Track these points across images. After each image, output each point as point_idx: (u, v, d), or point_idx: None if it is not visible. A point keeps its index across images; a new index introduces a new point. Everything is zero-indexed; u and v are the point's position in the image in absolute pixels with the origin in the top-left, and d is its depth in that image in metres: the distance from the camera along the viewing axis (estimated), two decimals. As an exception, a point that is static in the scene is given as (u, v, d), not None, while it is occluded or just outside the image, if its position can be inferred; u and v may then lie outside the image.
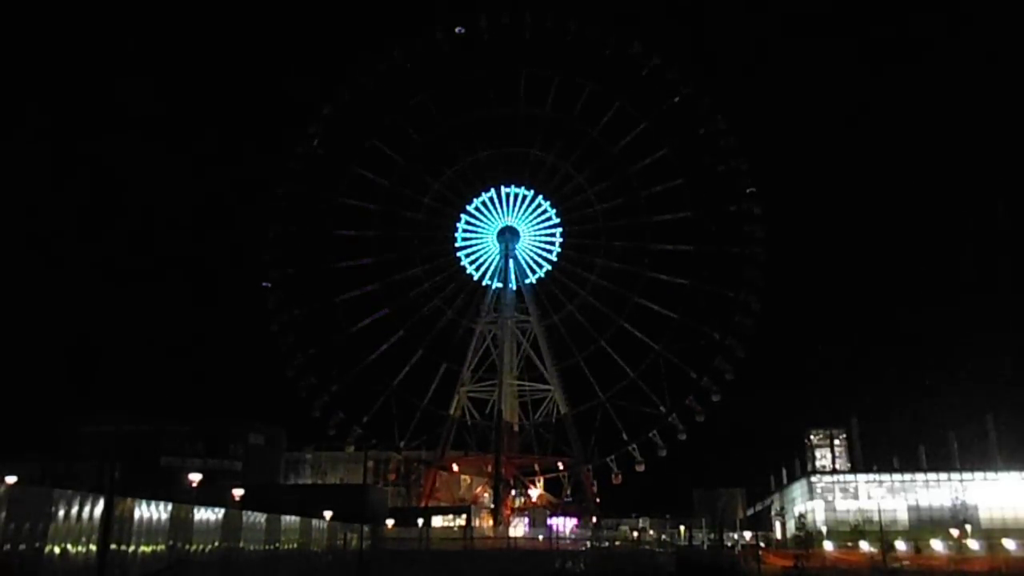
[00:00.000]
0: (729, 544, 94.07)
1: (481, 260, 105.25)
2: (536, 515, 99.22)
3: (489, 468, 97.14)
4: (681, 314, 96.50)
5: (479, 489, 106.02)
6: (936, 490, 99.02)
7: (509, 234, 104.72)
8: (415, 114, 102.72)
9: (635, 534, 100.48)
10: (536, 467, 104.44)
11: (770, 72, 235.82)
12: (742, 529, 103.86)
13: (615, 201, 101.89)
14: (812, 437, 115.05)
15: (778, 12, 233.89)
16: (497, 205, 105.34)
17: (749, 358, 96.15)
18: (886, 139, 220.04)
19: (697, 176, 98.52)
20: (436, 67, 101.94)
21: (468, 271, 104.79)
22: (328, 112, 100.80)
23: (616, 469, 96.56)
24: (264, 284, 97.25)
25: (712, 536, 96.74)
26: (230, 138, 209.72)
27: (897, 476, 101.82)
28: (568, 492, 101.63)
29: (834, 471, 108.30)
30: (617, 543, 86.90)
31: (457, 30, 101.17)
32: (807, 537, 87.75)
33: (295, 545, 50.40)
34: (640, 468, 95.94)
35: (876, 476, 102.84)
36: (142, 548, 30.81)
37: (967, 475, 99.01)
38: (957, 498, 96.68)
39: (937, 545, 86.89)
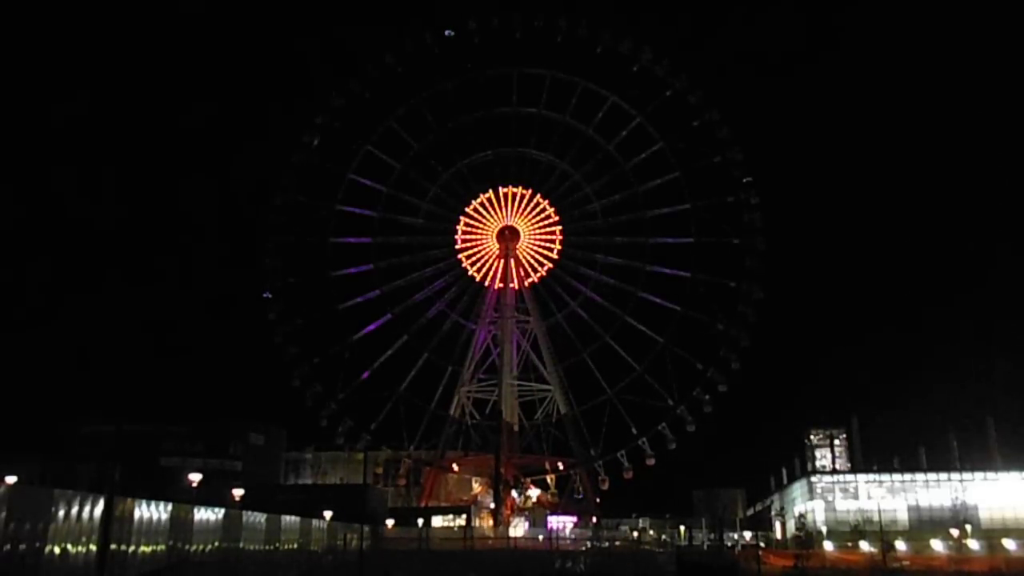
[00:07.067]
0: (729, 544, 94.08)
1: (482, 261, 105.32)
2: (536, 515, 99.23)
3: (490, 468, 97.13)
4: (684, 307, 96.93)
5: (479, 489, 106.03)
6: (936, 490, 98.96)
7: (509, 234, 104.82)
8: (410, 118, 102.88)
9: (635, 534, 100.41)
10: (537, 467, 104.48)
11: (763, 63, 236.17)
12: (742, 529, 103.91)
13: (613, 197, 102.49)
14: (812, 437, 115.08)
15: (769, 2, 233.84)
16: (496, 206, 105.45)
17: (751, 356, 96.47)
18: (885, 129, 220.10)
19: (694, 168, 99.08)
20: (429, 70, 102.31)
21: (469, 273, 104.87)
22: (322, 120, 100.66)
23: (627, 464, 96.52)
24: (265, 294, 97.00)
25: (712, 536, 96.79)
26: (229, 141, 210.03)
27: (897, 476, 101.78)
28: (578, 491, 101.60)
29: (834, 471, 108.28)
30: (617, 543, 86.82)
31: (446, 33, 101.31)
32: (807, 537, 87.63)
33: (295, 545, 50.40)
34: (650, 462, 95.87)
35: (876, 476, 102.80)
36: (142, 548, 30.79)
37: (967, 475, 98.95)
38: (957, 498, 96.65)
39: (937, 545, 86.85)
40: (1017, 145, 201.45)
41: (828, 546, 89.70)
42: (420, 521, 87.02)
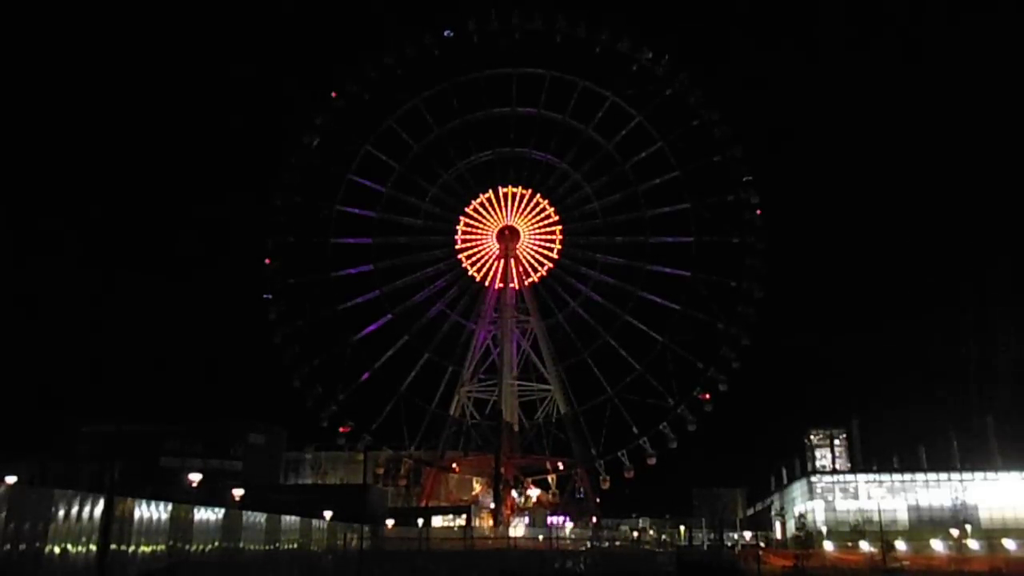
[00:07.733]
0: (729, 544, 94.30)
1: (482, 261, 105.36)
2: (536, 515, 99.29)
3: (490, 468, 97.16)
4: (684, 306, 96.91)
5: (479, 489, 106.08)
6: (936, 490, 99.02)
7: (509, 234, 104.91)
8: (409, 118, 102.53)
9: (635, 534, 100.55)
10: (538, 467, 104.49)
11: (761, 60, 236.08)
12: (742, 529, 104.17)
13: (613, 197, 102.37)
14: (812, 437, 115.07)
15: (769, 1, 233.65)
16: (496, 206, 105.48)
17: (751, 355, 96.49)
18: (886, 127, 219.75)
19: (693, 167, 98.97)
20: (428, 71, 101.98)
21: (469, 273, 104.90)
22: (322, 121, 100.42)
23: (628, 463, 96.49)
24: (265, 295, 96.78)
25: (712, 536, 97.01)
26: (228, 142, 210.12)
27: (897, 476, 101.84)
28: (579, 491, 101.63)
29: (834, 471, 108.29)
30: (617, 543, 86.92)
31: (446, 33, 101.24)
32: (807, 537, 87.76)
33: (295, 545, 50.36)
34: (651, 462, 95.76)
35: (876, 476, 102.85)
36: (142, 548, 30.78)
37: (967, 475, 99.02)
38: (957, 498, 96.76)
39: (937, 545, 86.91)
40: (1018, 144, 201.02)
41: (828, 546, 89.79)
42: (420, 521, 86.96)
